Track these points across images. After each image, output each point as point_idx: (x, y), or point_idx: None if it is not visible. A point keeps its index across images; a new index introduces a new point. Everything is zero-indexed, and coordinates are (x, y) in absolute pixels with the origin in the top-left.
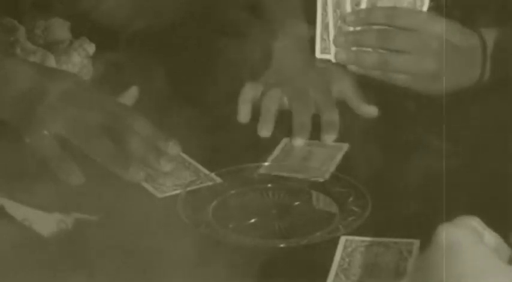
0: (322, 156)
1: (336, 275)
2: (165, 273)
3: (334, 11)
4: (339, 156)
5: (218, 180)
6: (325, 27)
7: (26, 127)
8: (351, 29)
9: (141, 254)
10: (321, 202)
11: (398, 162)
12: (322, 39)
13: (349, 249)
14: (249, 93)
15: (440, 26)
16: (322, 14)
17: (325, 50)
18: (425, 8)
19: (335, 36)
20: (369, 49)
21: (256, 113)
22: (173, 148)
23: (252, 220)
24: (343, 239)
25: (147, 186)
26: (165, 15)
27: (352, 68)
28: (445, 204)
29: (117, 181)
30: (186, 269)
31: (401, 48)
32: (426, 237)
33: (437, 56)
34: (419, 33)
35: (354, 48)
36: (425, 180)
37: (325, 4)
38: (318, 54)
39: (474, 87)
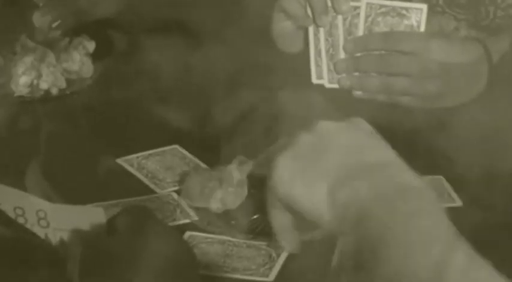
0: None
1: (336, 272)
2: None
3: (326, 40)
4: None
5: None
6: (319, 53)
7: None
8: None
9: None
10: None
11: None
12: (317, 65)
13: None
14: None
15: (439, 47)
16: (315, 40)
17: (321, 76)
18: (422, 29)
19: (336, 63)
20: (372, 74)
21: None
22: None
23: (254, 216)
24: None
25: (148, 182)
26: None
27: (357, 93)
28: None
29: None
30: None
31: (401, 72)
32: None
33: (438, 77)
34: (419, 56)
35: (356, 74)
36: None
37: (317, 31)
38: (314, 80)
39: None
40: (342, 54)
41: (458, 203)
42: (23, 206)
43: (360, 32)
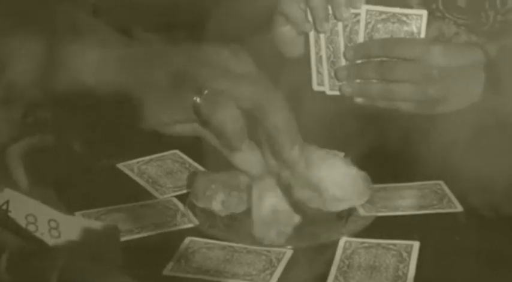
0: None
1: (336, 277)
2: None
3: (327, 47)
4: None
5: None
6: (320, 60)
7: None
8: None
9: None
10: None
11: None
12: (318, 72)
13: (348, 251)
14: None
15: (440, 53)
16: (316, 47)
17: (322, 83)
18: (422, 35)
19: (337, 70)
20: (373, 80)
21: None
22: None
23: None
24: (342, 241)
25: (148, 187)
26: None
27: (359, 100)
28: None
29: None
30: None
31: (402, 78)
32: (426, 239)
33: (439, 82)
34: (419, 62)
35: (357, 80)
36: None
37: (318, 38)
38: (315, 87)
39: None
40: (343, 61)
41: (458, 208)
42: (35, 214)
43: (360, 38)
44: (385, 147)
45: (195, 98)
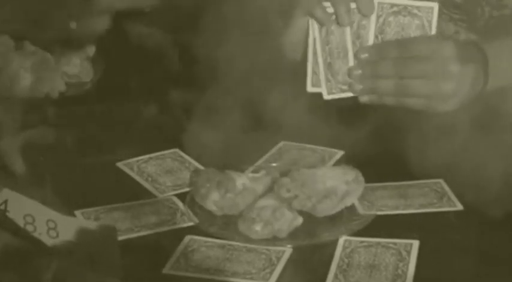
0: (312, 160)
1: (335, 276)
2: None
3: (323, 49)
4: (330, 163)
5: None
6: (316, 61)
7: None
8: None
9: None
10: None
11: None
12: (314, 73)
13: (348, 250)
14: None
15: (449, 47)
16: (313, 49)
17: (317, 84)
18: (433, 31)
19: (350, 70)
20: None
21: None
22: None
23: None
24: (342, 239)
25: (148, 186)
26: None
27: (364, 98)
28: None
29: None
30: None
31: (418, 74)
32: (425, 237)
33: (453, 77)
34: (433, 58)
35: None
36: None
37: (315, 41)
38: (309, 88)
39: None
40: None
41: (458, 206)
42: (33, 214)
43: (371, 32)
44: (385, 146)
45: None
